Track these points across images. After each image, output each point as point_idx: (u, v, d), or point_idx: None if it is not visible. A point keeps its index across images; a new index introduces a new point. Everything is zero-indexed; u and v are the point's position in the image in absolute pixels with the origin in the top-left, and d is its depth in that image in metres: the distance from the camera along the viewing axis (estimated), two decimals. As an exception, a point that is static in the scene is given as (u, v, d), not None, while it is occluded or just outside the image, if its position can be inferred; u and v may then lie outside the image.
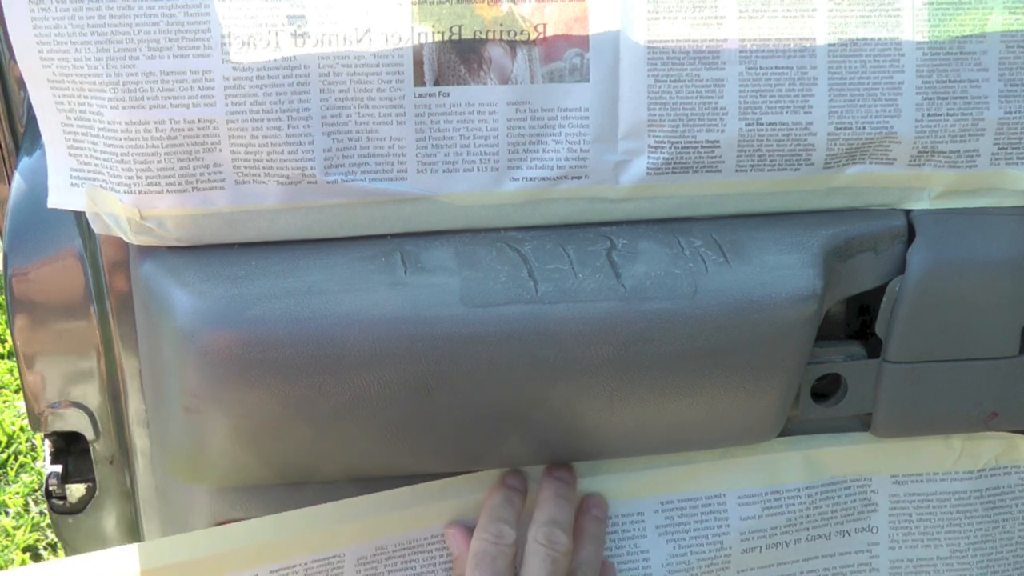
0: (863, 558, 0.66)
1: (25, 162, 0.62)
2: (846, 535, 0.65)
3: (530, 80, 0.53)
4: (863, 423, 0.64)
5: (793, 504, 0.64)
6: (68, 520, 0.70)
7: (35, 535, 1.39)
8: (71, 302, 0.61)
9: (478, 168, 0.54)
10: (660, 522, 0.62)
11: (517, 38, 0.52)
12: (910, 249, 0.58)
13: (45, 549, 1.38)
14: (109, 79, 0.49)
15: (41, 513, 1.41)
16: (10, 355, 1.61)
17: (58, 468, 0.68)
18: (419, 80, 0.52)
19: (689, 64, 0.54)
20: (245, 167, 0.51)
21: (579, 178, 0.55)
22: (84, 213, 0.53)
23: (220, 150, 0.51)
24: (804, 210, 0.58)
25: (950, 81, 0.56)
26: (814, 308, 0.55)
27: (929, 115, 0.56)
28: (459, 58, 0.52)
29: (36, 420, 0.65)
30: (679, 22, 0.53)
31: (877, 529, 0.66)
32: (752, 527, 0.63)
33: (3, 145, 0.89)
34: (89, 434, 0.65)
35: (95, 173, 0.52)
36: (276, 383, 0.51)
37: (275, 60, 0.50)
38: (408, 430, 0.54)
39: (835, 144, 0.56)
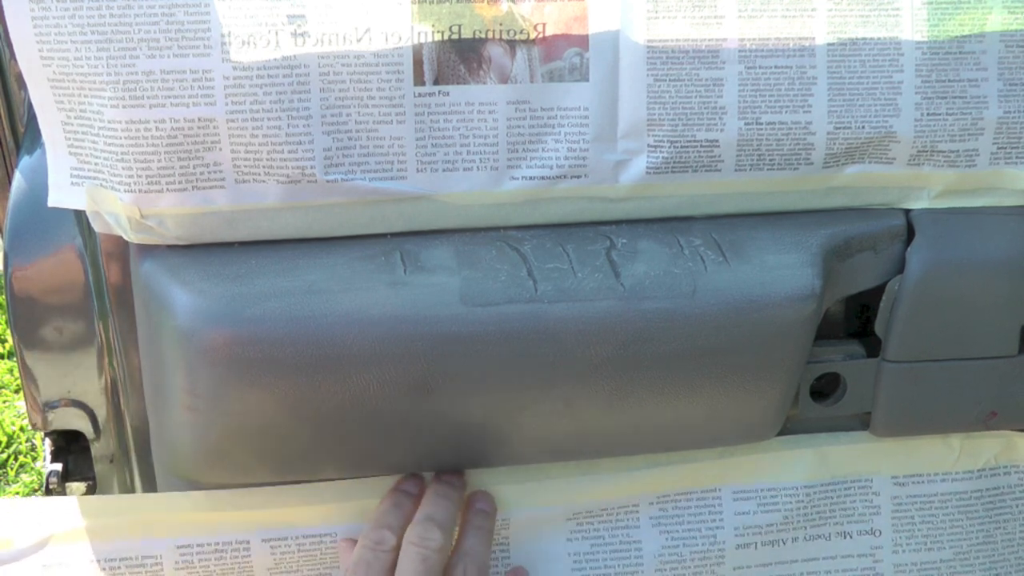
0: (867, 562, 0.66)
1: (26, 161, 0.62)
2: (847, 537, 0.65)
3: (530, 79, 0.53)
4: (862, 422, 0.64)
5: (790, 503, 0.64)
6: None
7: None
8: (71, 300, 0.61)
9: (478, 167, 0.54)
10: (654, 514, 0.63)
11: (517, 37, 0.53)
12: (909, 248, 0.58)
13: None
14: (109, 78, 0.49)
15: (41, 513, 1.41)
16: (10, 355, 1.61)
17: (58, 466, 0.68)
18: (419, 79, 0.52)
19: (688, 63, 0.54)
20: (245, 166, 0.52)
21: (579, 177, 0.55)
22: (84, 212, 0.54)
23: (220, 149, 0.51)
24: (803, 209, 0.58)
25: (949, 80, 0.56)
26: (813, 307, 0.55)
27: (928, 114, 0.56)
28: (459, 57, 0.52)
29: (36, 419, 0.65)
30: (679, 21, 0.53)
31: (880, 532, 0.66)
32: (746, 522, 0.63)
33: (4, 144, 0.89)
34: (89, 433, 0.65)
35: (95, 172, 0.52)
36: (276, 382, 0.51)
37: (275, 59, 0.50)
38: (408, 429, 0.55)
39: (834, 143, 0.56)
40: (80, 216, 0.60)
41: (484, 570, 0.56)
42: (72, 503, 0.57)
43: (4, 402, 1.56)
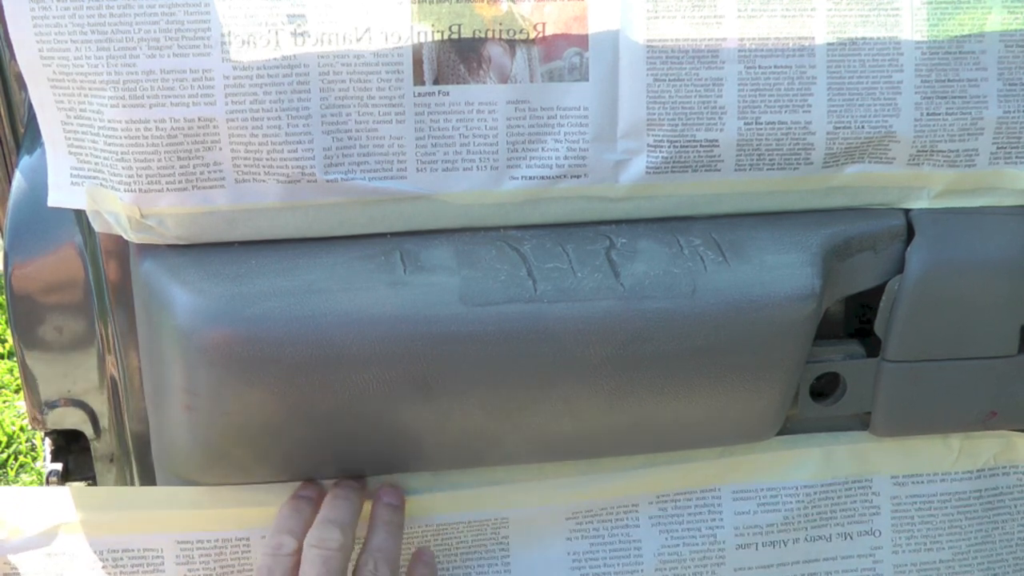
0: (866, 563, 0.66)
1: (26, 160, 0.62)
2: (848, 538, 0.65)
3: (529, 79, 0.53)
4: (862, 422, 0.64)
5: (790, 502, 0.64)
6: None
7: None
8: (71, 300, 0.61)
9: (477, 167, 0.54)
10: (654, 513, 0.63)
11: (516, 37, 0.53)
12: (909, 248, 0.58)
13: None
14: (109, 77, 0.49)
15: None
16: (10, 355, 1.61)
17: (58, 466, 0.68)
18: (419, 79, 0.52)
19: (688, 63, 0.54)
20: (245, 166, 0.52)
21: (578, 177, 0.55)
22: (84, 211, 0.54)
23: (220, 149, 0.51)
24: (803, 209, 0.58)
25: (949, 80, 0.56)
26: (813, 307, 0.55)
27: (928, 114, 0.56)
28: (458, 57, 0.52)
29: (36, 418, 0.65)
30: (678, 21, 0.53)
31: (880, 533, 0.66)
32: (747, 522, 0.63)
33: (4, 144, 0.89)
34: (89, 432, 0.66)
35: (95, 171, 0.52)
36: (275, 381, 0.51)
37: (275, 59, 0.50)
38: (407, 429, 0.55)
39: (834, 143, 0.56)
40: (80, 215, 0.60)
41: (395, 565, 0.56)
42: (78, 494, 0.58)
43: (4, 402, 1.56)
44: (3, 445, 1.50)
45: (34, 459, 1.49)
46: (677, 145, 0.55)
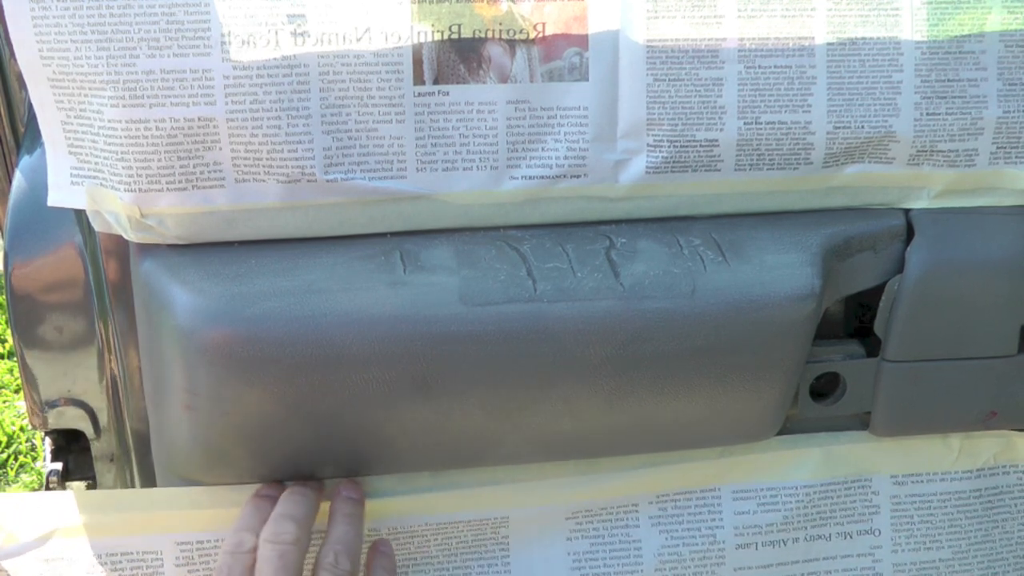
0: (866, 562, 0.66)
1: (26, 160, 0.62)
2: (848, 537, 0.66)
3: (529, 79, 0.53)
4: (862, 422, 0.64)
5: (790, 502, 0.64)
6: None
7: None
8: (71, 300, 0.61)
9: (477, 167, 0.54)
10: (654, 513, 0.63)
11: (516, 37, 0.53)
12: (909, 248, 0.58)
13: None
14: (109, 77, 0.49)
15: (41, 512, 1.41)
16: (10, 355, 1.61)
17: (58, 466, 0.69)
18: (419, 79, 0.52)
19: (688, 63, 0.54)
20: (245, 165, 0.52)
21: (578, 177, 0.55)
22: (84, 211, 0.54)
23: (220, 148, 0.51)
24: (803, 209, 0.58)
25: (949, 80, 0.56)
26: (813, 307, 0.55)
27: (928, 114, 0.56)
28: (458, 57, 0.52)
29: (36, 418, 0.65)
30: (678, 21, 0.53)
31: (880, 532, 0.66)
32: (747, 522, 0.63)
33: (4, 143, 0.89)
34: (89, 432, 0.66)
35: (95, 171, 0.52)
36: (275, 381, 0.51)
37: (275, 59, 0.50)
38: (407, 429, 0.55)
39: (834, 143, 0.56)
40: (80, 215, 0.60)
41: (355, 557, 0.56)
42: (75, 498, 0.58)
43: (4, 402, 1.56)
44: (3, 445, 1.50)
45: (34, 459, 1.49)
46: (677, 145, 0.55)
